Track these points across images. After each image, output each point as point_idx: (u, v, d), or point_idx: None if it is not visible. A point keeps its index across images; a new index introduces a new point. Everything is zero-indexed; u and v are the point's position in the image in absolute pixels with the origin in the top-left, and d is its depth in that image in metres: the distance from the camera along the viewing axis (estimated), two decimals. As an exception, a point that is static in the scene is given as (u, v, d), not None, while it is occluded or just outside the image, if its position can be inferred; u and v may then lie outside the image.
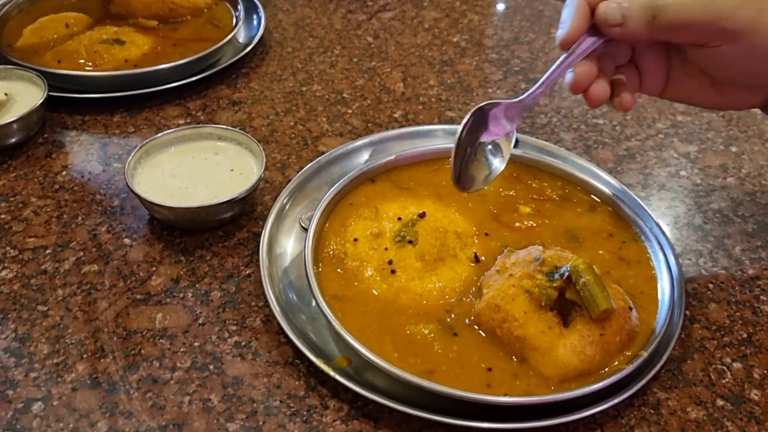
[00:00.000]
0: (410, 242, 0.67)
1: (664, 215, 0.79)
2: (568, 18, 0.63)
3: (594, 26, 0.63)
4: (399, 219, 0.69)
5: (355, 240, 0.68)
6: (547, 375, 0.58)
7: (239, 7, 1.05)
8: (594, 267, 0.60)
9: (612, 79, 0.66)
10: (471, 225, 0.70)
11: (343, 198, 0.73)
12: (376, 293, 0.64)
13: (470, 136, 0.64)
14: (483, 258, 0.67)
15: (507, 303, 0.60)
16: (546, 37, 1.09)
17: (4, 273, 0.69)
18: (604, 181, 0.77)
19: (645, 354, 0.59)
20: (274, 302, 0.64)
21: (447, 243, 0.67)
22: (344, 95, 0.96)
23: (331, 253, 0.68)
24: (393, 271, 0.65)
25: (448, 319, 0.62)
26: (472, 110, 0.64)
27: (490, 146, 0.66)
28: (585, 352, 0.58)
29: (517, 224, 0.71)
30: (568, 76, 0.64)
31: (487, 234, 0.70)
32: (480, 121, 0.65)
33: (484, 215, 0.71)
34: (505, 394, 0.57)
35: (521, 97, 0.65)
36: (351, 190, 0.74)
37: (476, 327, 0.61)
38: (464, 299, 0.64)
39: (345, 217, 0.71)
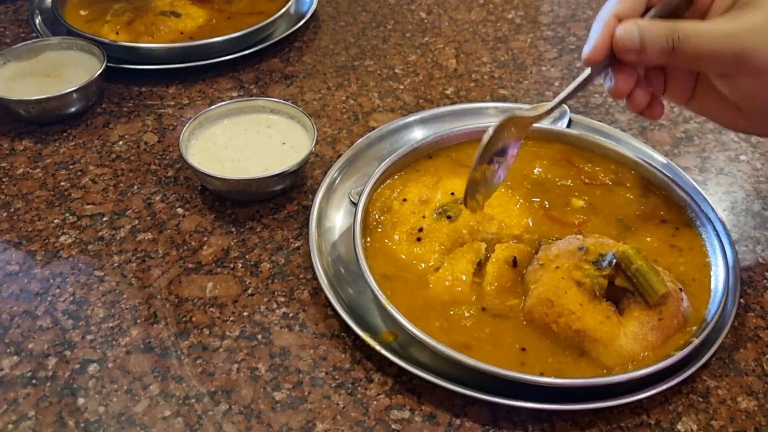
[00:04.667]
0: (449, 217, 0.67)
1: (721, 200, 0.76)
2: (594, 35, 0.61)
3: None
4: (452, 194, 0.69)
5: (404, 200, 0.69)
6: (610, 365, 0.57)
7: (293, -20, 1.06)
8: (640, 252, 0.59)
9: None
10: (523, 218, 0.69)
11: (401, 169, 0.73)
12: (404, 257, 0.65)
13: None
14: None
15: (560, 297, 0.59)
16: (604, 14, 1.07)
17: (63, 238, 0.71)
18: (659, 164, 0.75)
19: (696, 341, 0.57)
20: (322, 275, 0.65)
21: (485, 228, 0.67)
22: (396, 71, 0.95)
23: (380, 205, 0.70)
24: (419, 239, 0.66)
25: (486, 306, 0.62)
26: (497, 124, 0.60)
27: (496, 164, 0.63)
28: (647, 338, 0.57)
29: (569, 219, 0.69)
30: (609, 82, 0.63)
31: (534, 239, 0.67)
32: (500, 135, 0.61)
33: (536, 209, 0.70)
34: (541, 374, 0.57)
35: (537, 113, 0.62)
36: (403, 166, 0.74)
37: (525, 323, 0.60)
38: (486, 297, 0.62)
39: (407, 179, 0.72)
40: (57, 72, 0.87)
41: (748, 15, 0.58)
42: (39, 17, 1.02)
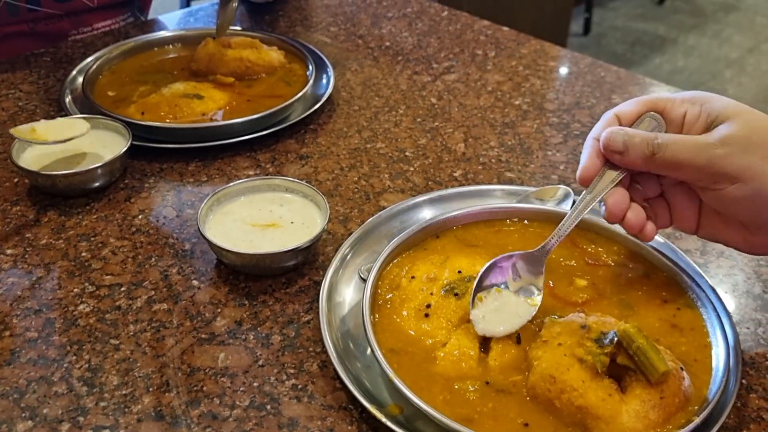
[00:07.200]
0: (456, 295, 0.69)
1: (722, 282, 0.78)
2: (583, 157, 0.67)
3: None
4: (459, 272, 0.71)
5: (412, 278, 0.71)
6: None
7: (310, 66, 1.11)
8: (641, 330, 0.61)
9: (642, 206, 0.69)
10: None
11: (410, 248, 0.76)
12: (412, 333, 0.67)
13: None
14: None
15: (562, 373, 0.60)
16: (607, 102, 1.11)
17: (81, 307, 0.74)
18: (661, 246, 0.78)
19: (697, 419, 0.58)
20: (332, 349, 0.67)
21: None
22: (407, 153, 0.99)
23: (389, 282, 0.72)
24: (426, 315, 0.68)
25: (490, 380, 0.63)
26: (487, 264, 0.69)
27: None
28: (649, 416, 0.58)
29: (573, 299, 0.71)
30: (603, 207, 0.67)
31: (538, 316, 0.68)
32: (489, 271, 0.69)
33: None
34: None
35: (542, 246, 0.70)
36: (412, 244, 0.76)
37: (528, 399, 0.62)
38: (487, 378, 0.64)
39: (416, 257, 0.75)
40: (84, 148, 0.92)
41: (723, 128, 0.63)
42: (69, 96, 1.07)
